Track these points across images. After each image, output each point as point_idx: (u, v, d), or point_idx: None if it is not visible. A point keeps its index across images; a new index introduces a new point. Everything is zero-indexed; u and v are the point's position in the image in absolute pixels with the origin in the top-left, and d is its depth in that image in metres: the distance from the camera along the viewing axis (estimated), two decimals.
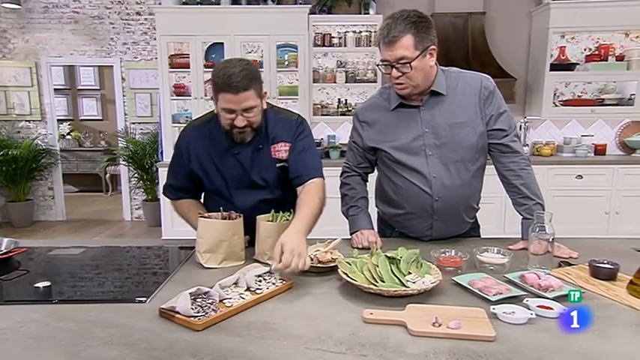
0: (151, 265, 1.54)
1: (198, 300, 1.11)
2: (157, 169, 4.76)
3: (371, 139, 1.70)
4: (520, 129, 4.74)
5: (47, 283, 1.30)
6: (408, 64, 1.47)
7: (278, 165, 1.66)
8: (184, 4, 4.59)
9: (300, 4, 4.60)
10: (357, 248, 1.57)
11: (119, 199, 6.28)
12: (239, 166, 1.64)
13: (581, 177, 4.40)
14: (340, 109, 4.84)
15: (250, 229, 1.55)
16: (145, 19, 5.36)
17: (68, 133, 7.64)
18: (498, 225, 4.33)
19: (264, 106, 1.59)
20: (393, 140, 1.63)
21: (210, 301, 1.11)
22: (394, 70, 1.50)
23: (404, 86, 1.54)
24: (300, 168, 1.62)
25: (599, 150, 4.77)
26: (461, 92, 1.60)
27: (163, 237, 4.59)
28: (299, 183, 1.61)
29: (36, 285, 1.29)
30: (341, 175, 1.86)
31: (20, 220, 5.55)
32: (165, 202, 4.56)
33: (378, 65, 1.58)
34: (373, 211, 1.90)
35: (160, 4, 4.61)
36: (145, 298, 1.19)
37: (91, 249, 1.66)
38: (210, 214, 1.53)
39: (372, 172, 1.84)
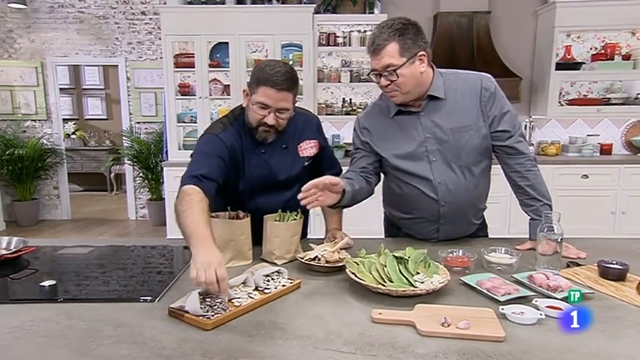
0: (155, 264, 1.54)
1: (207, 299, 1.11)
2: (162, 168, 4.77)
3: (373, 144, 1.66)
4: (525, 128, 4.73)
5: (52, 282, 1.31)
6: (395, 72, 1.45)
7: (306, 163, 1.68)
8: (189, 3, 4.60)
9: (305, 3, 4.60)
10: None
11: (124, 198, 6.30)
12: (265, 165, 1.62)
13: (587, 177, 4.38)
14: (345, 109, 4.84)
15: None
16: (150, 18, 5.37)
17: (73, 133, 7.66)
18: (503, 225, 4.32)
19: (292, 114, 1.59)
20: (395, 149, 1.61)
21: (219, 300, 1.11)
22: (382, 78, 1.49)
23: (394, 94, 1.52)
24: (334, 164, 1.82)
25: (605, 150, 4.75)
26: (461, 95, 1.56)
27: (168, 236, 4.60)
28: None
29: (41, 284, 1.30)
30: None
31: (26, 219, 5.58)
32: (170, 201, 4.57)
33: (368, 74, 1.56)
34: (380, 211, 1.90)
35: (164, 3, 4.62)
36: (149, 298, 1.20)
37: (96, 248, 1.67)
38: (217, 213, 1.54)
39: (375, 181, 1.71)
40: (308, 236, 1.86)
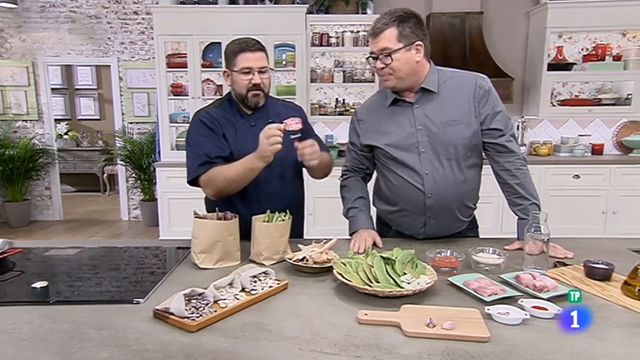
0: (148, 265, 1.53)
1: (192, 301, 1.10)
2: (155, 168, 4.74)
3: (366, 136, 1.72)
4: (517, 129, 4.75)
5: (44, 284, 1.29)
6: (390, 56, 1.51)
7: (292, 137, 1.66)
8: (182, 3, 4.58)
9: (298, 3, 4.59)
10: (357, 253, 1.51)
11: (116, 199, 6.27)
12: (255, 136, 1.61)
13: (579, 177, 4.41)
14: (338, 109, 4.83)
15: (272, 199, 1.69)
16: (143, 18, 5.35)
17: (66, 133, 7.61)
18: (495, 225, 4.34)
19: (271, 79, 1.78)
20: (387, 138, 1.65)
21: (204, 302, 1.11)
22: (378, 61, 1.56)
23: (388, 77, 1.58)
24: (321, 147, 1.82)
25: (597, 150, 4.78)
26: (455, 91, 1.60)
27: (161, 237, 4.58)
28: None
29: (33, 285, 1.28)
30: (340, 178, 1.87)
31: (17, 220, 5.54)
32: (162, 202, 4.55)
33: (367, 58, 1.61)
34: (373, 210, 1.90)
35: (157, 3, 4.60)
36: (142, 299, 1.19)
37: (88, 249, 1.65)
38: (205, 214, 1.53)
39: (372, 172, 1.85)
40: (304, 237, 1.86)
